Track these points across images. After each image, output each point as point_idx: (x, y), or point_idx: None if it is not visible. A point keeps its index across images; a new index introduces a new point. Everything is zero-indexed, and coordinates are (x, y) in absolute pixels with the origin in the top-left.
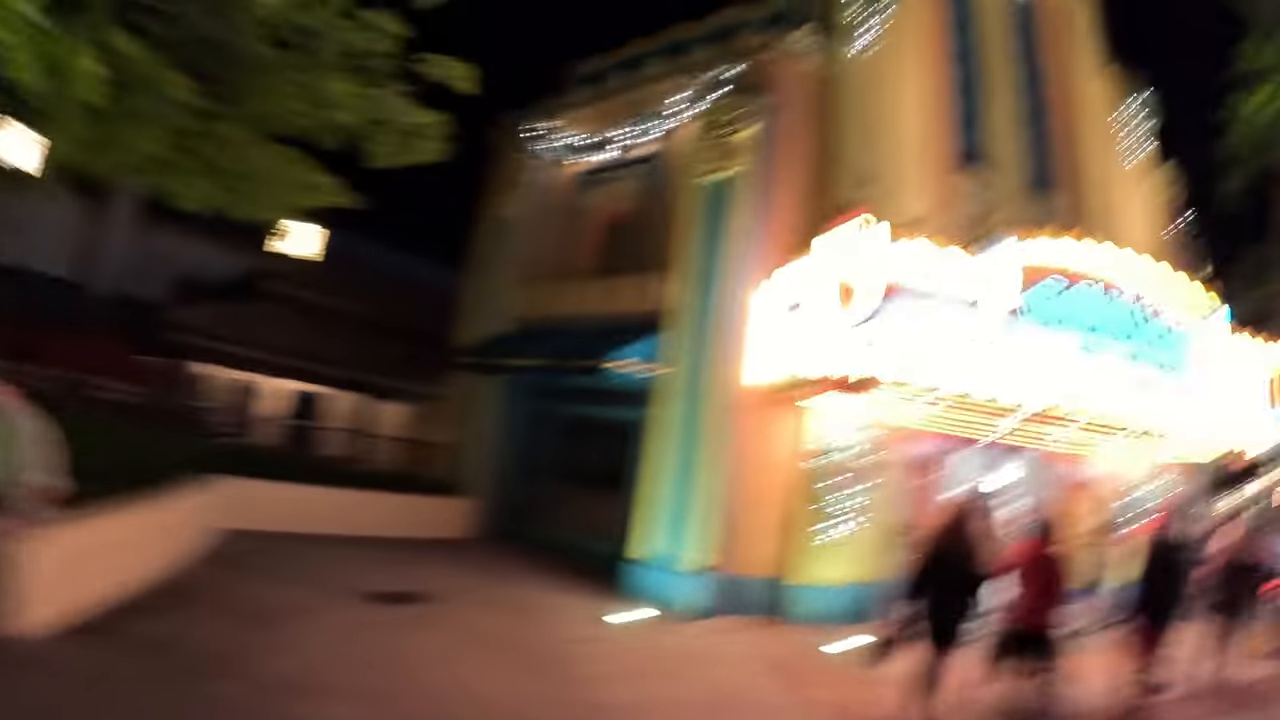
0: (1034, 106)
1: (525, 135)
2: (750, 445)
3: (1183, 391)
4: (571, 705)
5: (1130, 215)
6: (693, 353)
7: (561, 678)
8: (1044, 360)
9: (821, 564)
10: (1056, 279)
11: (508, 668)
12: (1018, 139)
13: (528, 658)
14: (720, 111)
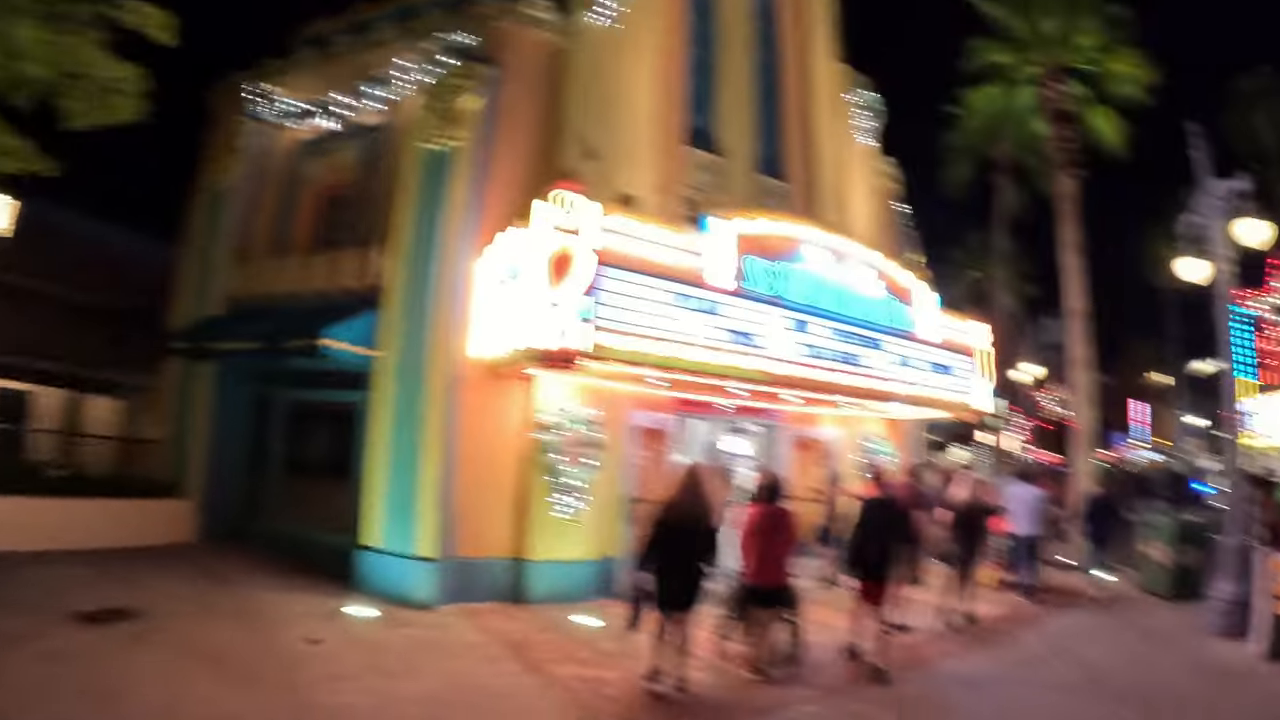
0: (768, 91)
1: (246, 100)
2: (478, 422)
3: (899, 362)
4: (297, 711)
5: (855, 201)
6: (412, 328)
7: (289, 683)
8: (763, 332)
9: (559, 540)
10: (776, 255)
11: (232, 680)
12: (749, 122)
13: (254, 666)
14: (446, 79)
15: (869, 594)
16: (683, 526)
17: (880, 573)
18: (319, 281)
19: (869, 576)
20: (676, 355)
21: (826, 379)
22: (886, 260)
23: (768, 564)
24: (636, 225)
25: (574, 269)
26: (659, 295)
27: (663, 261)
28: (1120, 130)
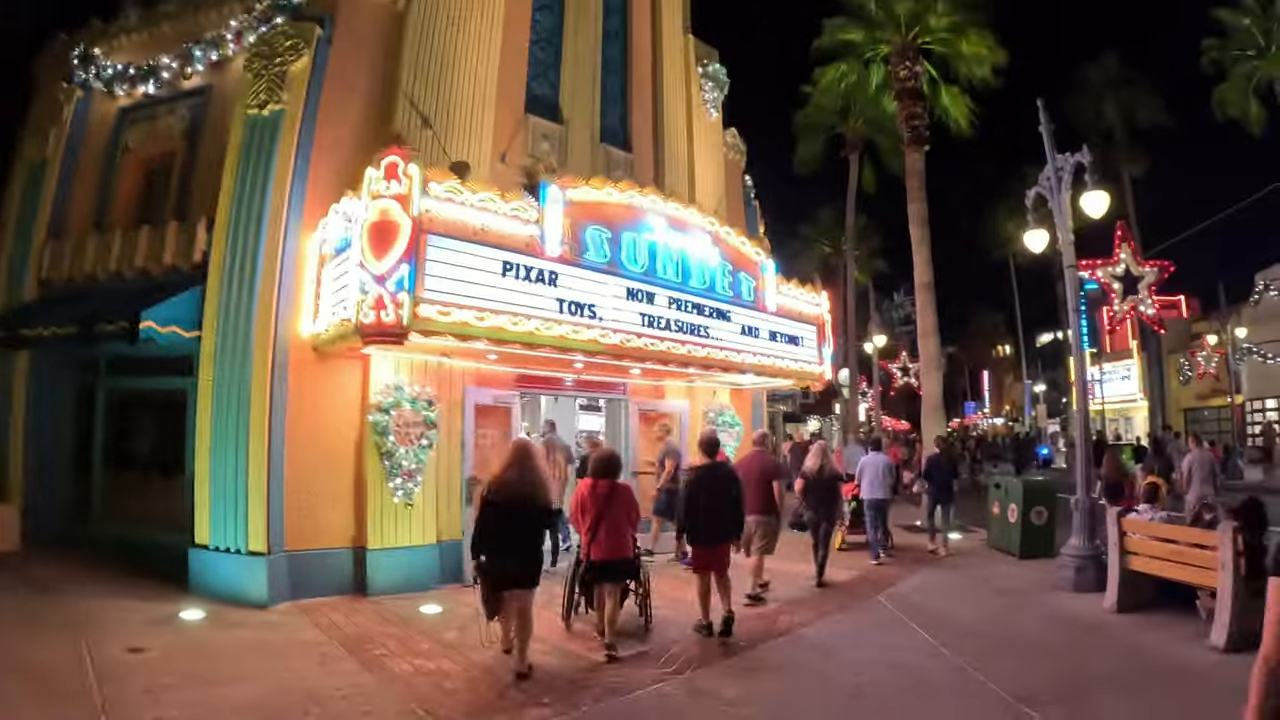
0: (616, 61)
1: (69, 65)
2: (309, 405)
3: (746, 332)
4: None
5: (702, 172)
6: (236, 307)
7: (108, 699)
8: (602, 303)
9: (399, 527)
10: (617, 224)
11: (49, 701)
12: (595, 91)
13: (74, 682)
14: (273, 38)
15: (703, 562)
16: (514, 504)
17: (713, 540)
18: (143, 260)
19: (701, 544)
20: (507, 328)
21: (670, 350)
22: (731, 231)
23: (606, 539)
24: (467, 193)
25: (397, 239)
26: (490, 265)
27: (495, 230)
28: (968, 110)
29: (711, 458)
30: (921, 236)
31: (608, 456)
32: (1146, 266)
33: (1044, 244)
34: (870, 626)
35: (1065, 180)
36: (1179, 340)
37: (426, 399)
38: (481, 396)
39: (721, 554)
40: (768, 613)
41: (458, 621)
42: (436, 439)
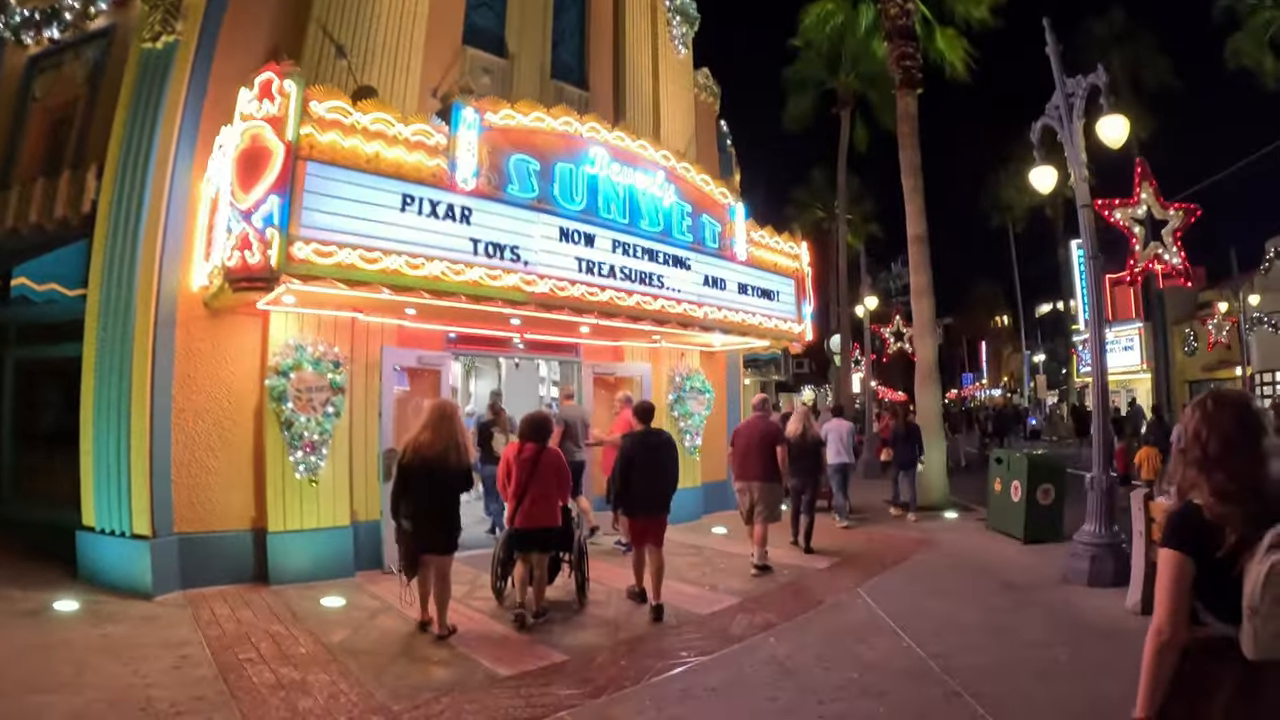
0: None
1: None
2: (201, 370)
3: (711, 284)
4: None
5: (669, 113)
6: (120, 261)
7: None
8: (529, 244)
9: (305, 506)
10: (550, 155)
11: None
12: (545, 23)
13: None
14: None
15: (638, 534)
16: (428, 467)
17: (648, 510)
18: (38, 214)
19: (635, 515)
20: (405, 271)
21: (614, 301)
22: (692, 168)
23: (532, 506)
24: (357, 114)
25: (268, 167)
26: (386, 199)
27: (393, 158)
28: (964, 54)
29: (646, 425)
30: (914, 186)
31: (536, 419)
32: (1171, 209)
33: (1051, 181)
34: (846, 633)
35: (1078, 107)
36: (1184, 310)
37: (333, 360)
38: (403, 358)
39: (657, 525)
40: (725, 611)
41: (356, 619)
42: (344, 406)
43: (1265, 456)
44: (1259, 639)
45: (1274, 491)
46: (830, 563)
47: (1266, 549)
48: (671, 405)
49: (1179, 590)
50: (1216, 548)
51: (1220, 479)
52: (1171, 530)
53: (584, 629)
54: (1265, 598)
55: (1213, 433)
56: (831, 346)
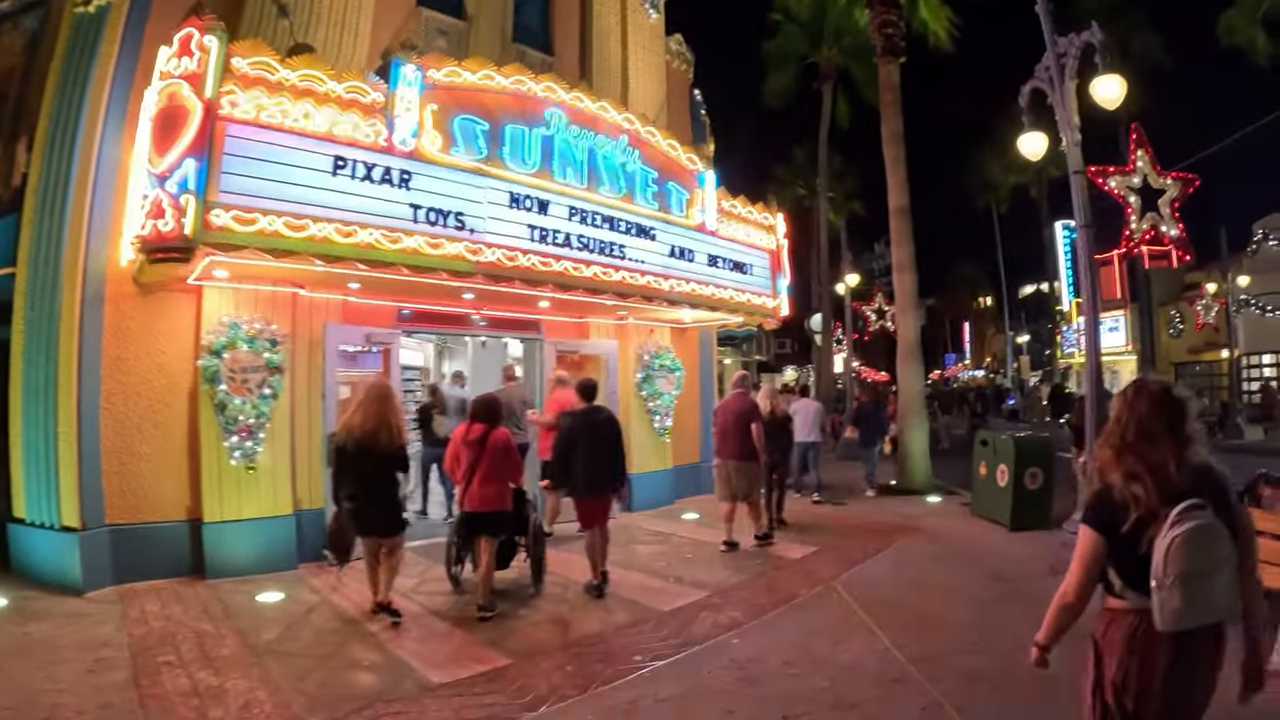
0: None
1: None
2: (132, 350)
3: (679, 255)
4: None
5: (639, 80)
6: (46, 236)
7: None
8: (476, 211)
9: (242, 495)
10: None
11: None
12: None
13: None
14: None
15: (584, 515)
16: (362, 449)
17: (592, 491)
18: None
19: (579, 496)
20: (335, 239)
21: (569, 272)
22: (658, 132)
23: (480, 488)
24: (285, 70)
25: (185, 128)
26: (316, 161)
27: (329, 118)
28: (948, 22)
29: (589, 403)
30: (896, 157)
31: (485, 399)
32: (1168, 178)
33: (1042, 148)
34: (819, 632)
35: (1070, 67)
36: (1170, 292)
37: (270, 338)
38: (349, 335)
39: (603, 505)
40: (688, 608)
41: (290, 616)
42: (282, 387)
43: (1179, 441)
44: (1164, 612)
45: (1181, 473)
46: (805, 551)
47: (1169, 527)
48: (639, 384)
49: (1087, 562)
50: (1124, 522)
51: (1130, 461)
52: (1088, 508)
53: (534, 626)
54: (1168, 573)
55: (1130, 419)
56: (813, 325)
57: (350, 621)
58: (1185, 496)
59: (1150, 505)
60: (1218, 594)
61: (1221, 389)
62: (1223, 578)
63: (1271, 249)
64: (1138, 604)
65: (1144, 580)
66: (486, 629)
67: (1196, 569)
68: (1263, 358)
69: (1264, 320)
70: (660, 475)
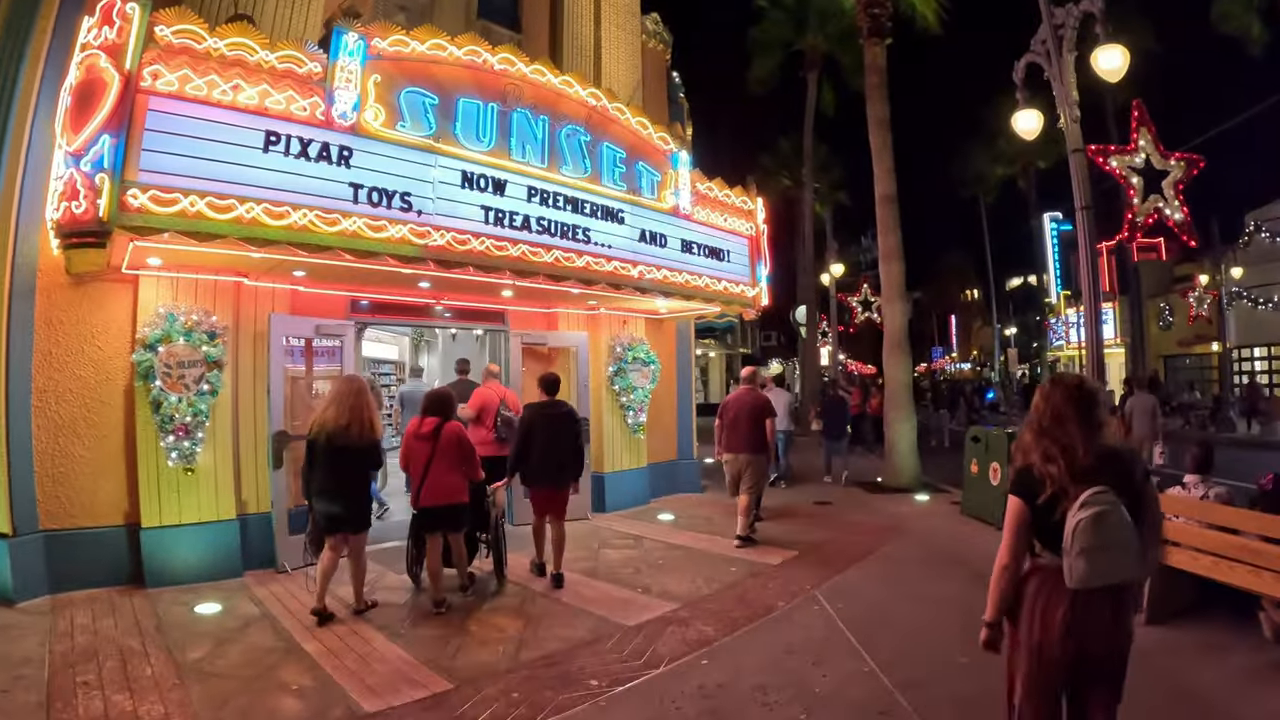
0: None
1: None
2: (68, 343)
3: (649, 240)
4: None
5: (612, 59)
6: None
7: None
8: (424, 191)
9: (183, 498)
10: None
11: None
12: None
13: None
14: None
15: (539, 505)
16: (333, 443)
17: (549, 481)
18: None
19: (536, 485)
20: (265, 221)
21: (527, 256)
22: (627, 109)
23: (435, 481)
24: (213, 39)
25: (102, 103)
26: (246, 137)
27: (260, 90)
28: (936, 4)
29: (550, 396)
30: (882, 143)
31: (437, 393)
32: (1172, 159)
33: (1037, 126)
34: (796, 651)
35: (1068, 39)
36: (1160, 284)
37: (208, 330)
38: (296, 326)
39: (559, 498)
40: (655, 622)
41: (225, 631)
42: (222, 383)
43: (1089, 428)
44: (1072, 574)
45: (1090, 456)
46: (785, 556)
47: (1078, 507)
48: (611, 378)
49: (1016, 528)
50: (1039, 496)
51: (1046, 444)
52: (1013, 483)
53: (485, 642)
54: (1074, 546)
55: (1048, 408)
56: (798, 317)
57: (287, 637)
58: (1093, 475)
59: (1062, 482)
60: (1115, 563)
61: (1212, 382)
62: (1119, 550)
63: (1263, 241)
64: (1052, 562)
65: (1058, 543)
66: (433, 645)
67: (1099, 544)
68: (1254, 350)
69: (1256, 313)
70: (634, 474)
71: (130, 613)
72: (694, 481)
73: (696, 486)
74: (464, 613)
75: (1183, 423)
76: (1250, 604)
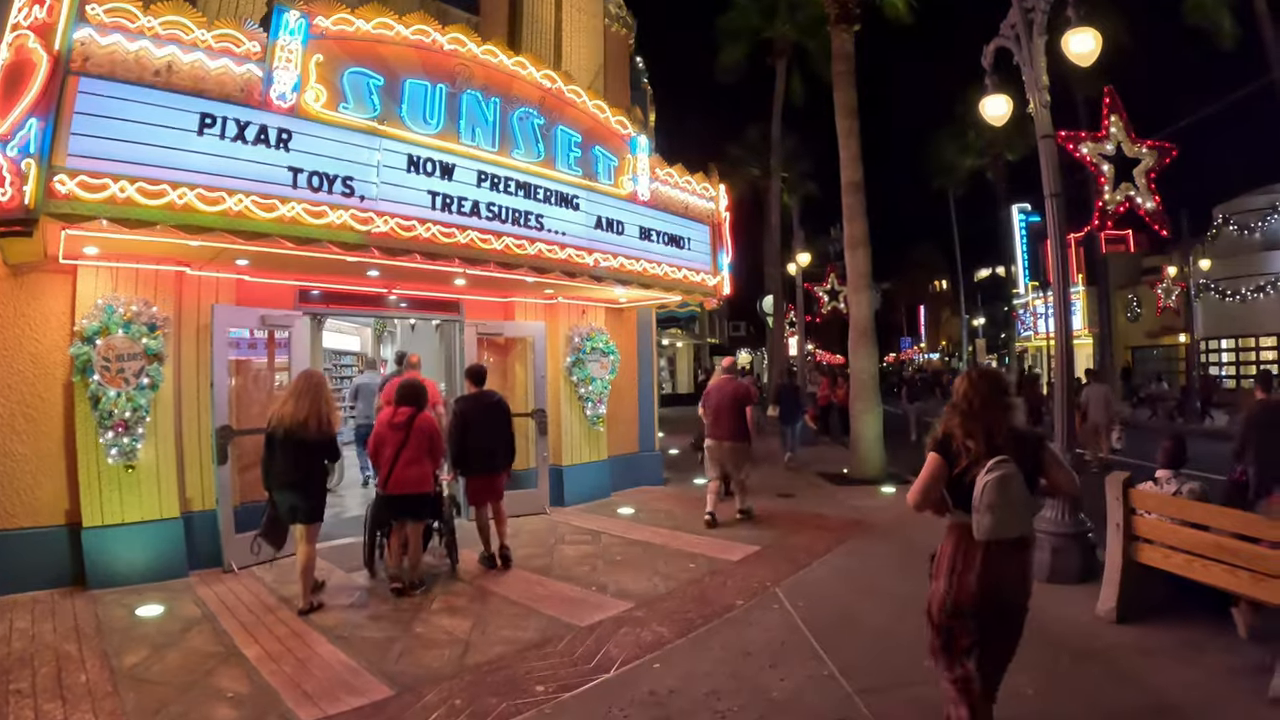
0: None
1: None
2: (4, 338)
3: (606, 226)
4: None
5: (573, 42)
6: None
7: None
8: (366, 175)
9: (124, 496)
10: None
11: None
12: None
13: None
14: None
15: (477, 493)
16: (290, 436)
17: (485, 469)
18: None
19: (474, 474)
20: (199, 207)
21: (476, 243)
22: (584, 91)
23: (404, 471)
24: (146, 17)
25: (30, 85)
26: (180, 119)
27: (189, 69)
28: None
29: (479, 387)
30: (849, 129)
31: (411, 385)
32: (1144, 146)
33: (1006, 111)
34: (754, 653)
35: (1038, 22)
36: (1128, 275)
37: (148, 322)
38: (240, 318)
39: (495, 484)
40: (608, 622)
41: (164, 635)
42: (162, 377)
43: (1004, 410)
44: (979, 528)
45: (1002, 433)
46: (746, 552)
47: (986, 470)
48: (570, 369)
49: (931, 480)
50: (958, 464)
51: (970, 424)
52: (934, 446)
53: (430, 644)
54: (982, 503)
55: (974, 393)
56: (765, 308)
57: (227, 641)
58: (1001, 450)
59: (978, 454)
60: (1013, 519)
61: (1179, 373)
62: (1018, 507)
63: (1231, 234)
64: (963, 520)
65: (967, 503)
66: (376, 648)
67: (1001, 502)
68: (1221, 342)
69: (1224, 305)
70: (594, 467)
71: (70, 616)
72: (656, 474)
73: (659, 479)
74: (411, 612)
75: (1150, 414)
76: (1224, 601)
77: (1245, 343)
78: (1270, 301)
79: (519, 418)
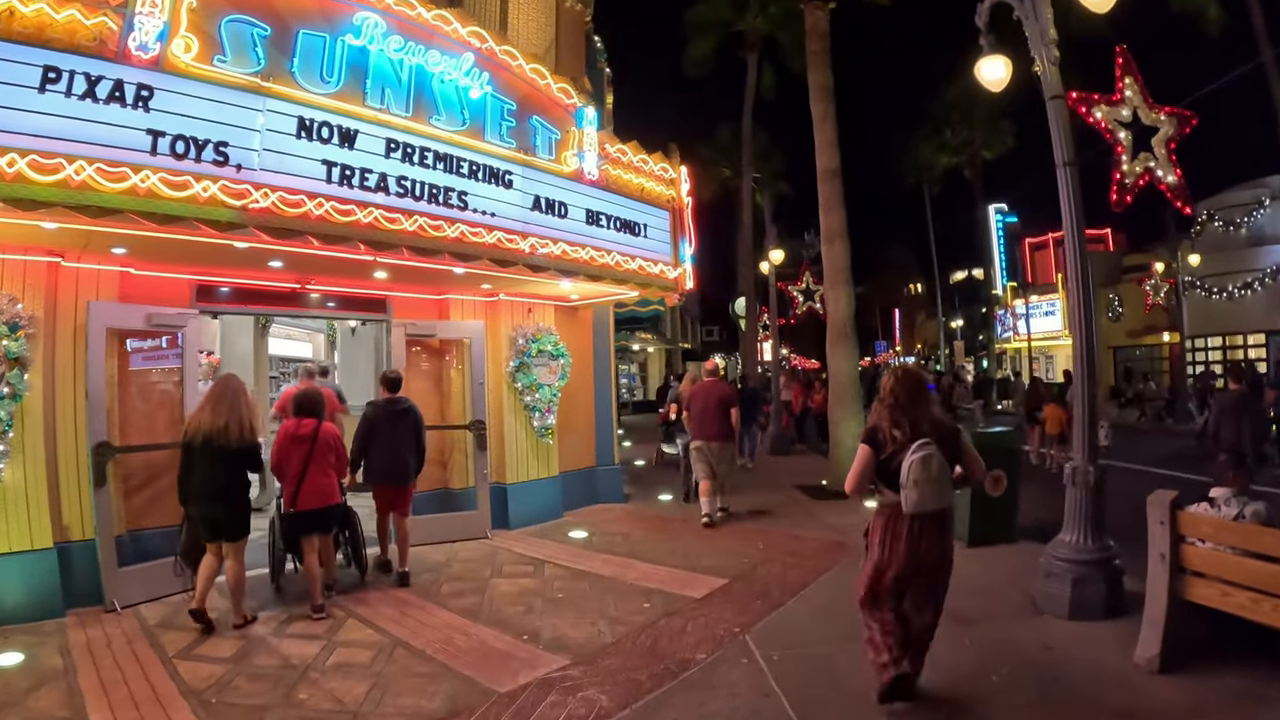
0: None
1: None
2: None
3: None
4: None
5: (518, 12)
6: None
7: None
8: (245, 140)
9: None
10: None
11: None
12: None
13: None
14: None
15: (382, 501)
16: (211, 445)
17: (391, 479)
18: None
19: (379, 483)
20: (32, 176)
21: (382, 223)
22: (526, 58)
23: (313, 484)
24: None
25: None
26: (21, 74)
27: (38, 17)
28: None
29: (393, 394)
30: (824, 113)
31: (311, 394)
32: (1162, 113)
33: (1005, 74)
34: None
35: None
36: (1108, 274)
37: (7, 321)
38: (122, 316)
39: (402, 494)
40: (534, 686)
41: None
42: (26, 386)
43: (925, 403)
44: (907, 502)
45: (924, 424)
46: (711, 588)
47: (911, 452)
48: (513, 374)
49: (863, 469)
50: (884, 451)
51: (896, 415)
52: (866, 437)
53: (312, 713)
54: (909, 479)
55: (900, 389)
56: (737, 310)
57: (78, 706)
58: (924, 435)
59: (903, 442)
60: (935, 493)
61: (1164, 373)
62: (939, 484)
63: (1217, 230)
64: (891, 499)
65: (895, 484)
66: (243, 715)
67: (925, 478)
68: (1208, 340)
69: (1210, 302)
70: (542, 484)
71: None
72: (616, 490)
73: (619, 496)
74: (302, 665)
75: (1138, 415)
76: (1268, 640)
77: (1233, 340)
78: (1257, 298)
79: (455, 430)
